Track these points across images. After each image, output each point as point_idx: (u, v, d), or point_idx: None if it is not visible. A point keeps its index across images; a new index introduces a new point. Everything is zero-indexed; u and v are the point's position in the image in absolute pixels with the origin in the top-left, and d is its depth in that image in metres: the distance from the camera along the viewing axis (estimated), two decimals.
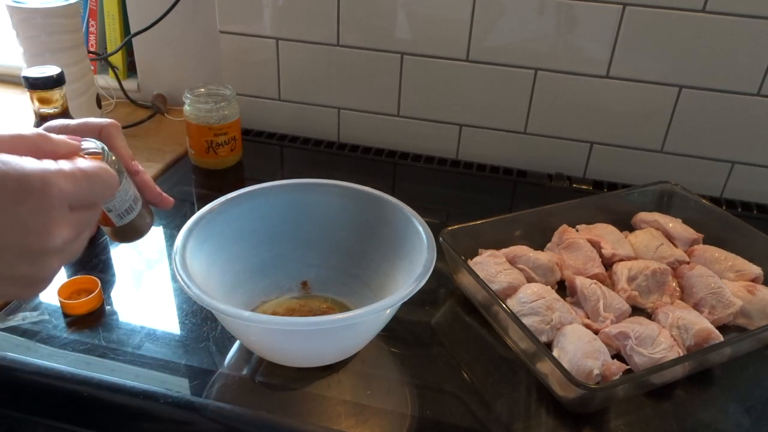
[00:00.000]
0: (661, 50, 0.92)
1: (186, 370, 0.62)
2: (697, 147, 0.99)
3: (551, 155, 1.04)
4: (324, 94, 1.08)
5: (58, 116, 0.78)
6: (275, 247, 0.69)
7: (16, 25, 0.93)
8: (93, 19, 1.18)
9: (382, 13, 0.99)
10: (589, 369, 0.59)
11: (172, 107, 1.18)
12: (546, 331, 0.65)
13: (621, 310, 0.69)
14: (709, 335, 0.64)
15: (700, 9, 0.88)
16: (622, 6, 0.90)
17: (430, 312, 0.72)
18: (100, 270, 0.76)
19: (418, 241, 0.62)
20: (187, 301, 0.71)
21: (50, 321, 0.67)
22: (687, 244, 0.81)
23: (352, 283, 0.70)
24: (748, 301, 0.70)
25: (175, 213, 0.87)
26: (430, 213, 0.68)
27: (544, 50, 0.96)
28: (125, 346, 0.64)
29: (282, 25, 1.03)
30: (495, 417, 0.59)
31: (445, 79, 1.02)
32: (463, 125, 1.06)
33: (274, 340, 0.59)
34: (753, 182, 0.99)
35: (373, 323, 0.60)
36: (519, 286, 0.70)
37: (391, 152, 1.08)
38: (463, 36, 0.98)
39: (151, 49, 1.19)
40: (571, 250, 0.77)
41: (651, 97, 0.96)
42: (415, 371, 0.64)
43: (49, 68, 0.77)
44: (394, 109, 1.07)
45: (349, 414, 0.58)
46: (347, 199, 0.69)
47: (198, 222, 0.63)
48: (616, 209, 0.86)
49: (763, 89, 0.92)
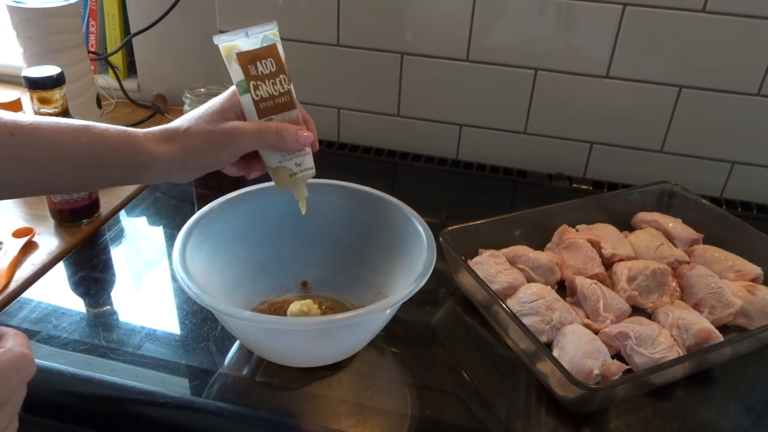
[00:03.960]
0: (661, 50, 0.92)
1: (186, 370, 0.62)
2: (697, 147, 0.99)
3: (551, 155, 1.04)
4: (324, 94, 1.08)
5: (58, 116, 0.78)
6: (275, 246, 0.69)
7: (16, 25, 0.93)
8: (93, 19, 1.18)
9: (382, 13, 0.99)
10: (589, 369, 0.59)
11: (172, 107, 1.18)
12: (546, 331, 0.65)
13: (621, 310, 0.69)
14: (709, 335, 0.64)
15: (700, 9, 0.88)
16: (622, 6, 0.90)
17: (430, 312, 0.72)
18: (100, 270, 0.76)
19: (418, 241, 0.62)
20: (187, 301, 0.71)
21: (50, 321, 0.67)
22: (687, 244, 0.81)
23: (352, 283, 0.70)
24: (748, 301, 0.70)
25: (175, 213, 0.87)
26: (430, 213, 0.68)
27: (544, 50, 0.96)
28: (125, 346, 0.64)
29: (282, 25, 1.02)
30: (495, 417, 0.59)
31: (445, 79, 1.02)
32: (463, 125, 1.06)
33: (274, 340, 0.59)
34: (753, 182, 0.99)
35: (373, 323, 0.60)
36: (519, 286, 0.70)
37: (391, 152, 1.08)
38: (463, 36, 0.98)
39: (151, 49, 1.19)
40: (571, 250, 0.77)
41: (651, 97, 0.96)
42: (415, 371, 0.64)
43: (49, 68, 0.77)
44: (394, 109, 1.07)
45: (349, 414, 0.58)
46: (347, 199, 0.69)
47: (198, 222, 0.63)
48: (616, 209, 0.86)
49: (763, 89, 0.92)
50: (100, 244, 0.80)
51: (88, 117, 1.00)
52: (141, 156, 0.52)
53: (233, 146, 0.52)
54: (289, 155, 0.55)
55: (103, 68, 1.23)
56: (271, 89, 0.53)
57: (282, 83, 0.53)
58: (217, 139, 0.52)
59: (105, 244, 0.80)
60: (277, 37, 0.54)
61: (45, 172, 0.51)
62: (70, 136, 0.50)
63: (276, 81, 0.53)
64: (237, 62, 0.52)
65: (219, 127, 0.52)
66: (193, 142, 0.52)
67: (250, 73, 0.52)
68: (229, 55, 0.52)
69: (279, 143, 0.53)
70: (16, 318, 0.67)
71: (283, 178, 0.56)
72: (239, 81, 0.52)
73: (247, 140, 0.52)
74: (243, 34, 0.53)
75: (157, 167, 0.53)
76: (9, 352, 0.35)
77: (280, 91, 0.53)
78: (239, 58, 0.52)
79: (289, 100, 0.54)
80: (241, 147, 0.53)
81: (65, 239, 0.80)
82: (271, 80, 0.53)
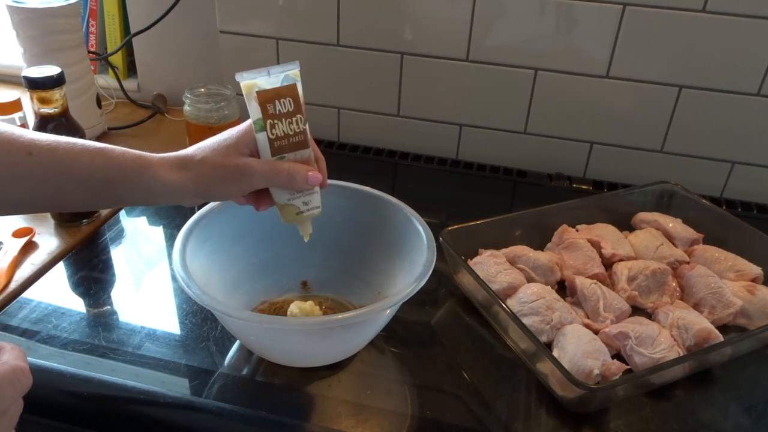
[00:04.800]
0: (661, 50, 0.92)
1: (186, 370, 0.62)
2: (697, 147, 0.99)
3: (551, 155, 1.04)
4: (324, 94, 1.08)
5: (58, 116, 0.78)
6: (275, 246, 0.69)
7: (16, 25, 0.93)
8: (93, 19, 1.18)
9: (382, 13, 0.99)
10: (589, 369, 0.59)
11: (172, 107, 1.18)
12: (546, 331, 0.65)
13: (621, 310, 0.69)
14: (709, 335, 0.64)
15: (700, 9, 0.88)
16: (622, 6, 0.90)
17: (430, 312, 0.72)
18: (100, 270, 0.76)
19: (418, 241, 0.62)
20: (187, 301, 0.71)
21: (50, 321, 0.67)
22: (687, 244, 0.81)
23: (352, 283, 0.70)
24: (748, 301, 0.70)
25: (175, 213, 0.87)
26: (430, 213, 0.68)
27: (544, 50, 0.96)
28: (125, 346, 0.64)
29: (282, 25, 1.03)
30: (495, 417, 0.59)
31: (445, 79, 1.02)
32: (463, 125, 1.06)
33: (274, 340, 0.59)
34: (753, 182, 0.99)
35: (373, 323, 0.60)
36: (519, 286, 0.70)
37: (391, 152, 1.08)
38: (463, 36, 0.98)
39: (151, 49, 1.19)
40: (571, 250, 0.77)
41: (651, 97, 0.96)
42: (415, 371, 0.64)
43: (49, 68, 0.77)
44: (394, 109, 1.07)
45: (349, 414, 0.58)
46: (347, 199, 0.69)
47: (198, 222, 0.63)
48: (616, 209, 0.86)
49: (763, 89, 0.92)
50: (100, 244, 0.80)
51: (89, 117, 1.01)
52: (154, 182, 0.53)
53: (244, 183, 0.53)
54: (298, 194, 0.56)
55: (103, 68, 1.23)
56: (287, 128, 0.54)
57: (298, 123, 0.54)
58: (229, 173, 0.53)
59: (105, 244, 0.80)
60: (297, 77, 0.55)
61: (59, 191, 0.52)
62: (86, 158, 0.51)
63: (292, 120, 0.54)
64: (256, 100, 0.53)
65: (232, 162, 0.53)
66: (205, 172, 0.53)
67: (268, 111, 0.53)
68: (249, 93, 0.53)
69: (289, 184, 0.54)
70: (16, 318, 0.67)
71: (290, 215, 0.57)
72: (257, 119, 0.53)
73: (258, 179, 0.53)
74: (265, 72, 0.54)
75: (168, 193, 0.54)
76: (4, 366, 0.35)
77: (296, 131, 0.54)
78: (259, 97, 0.53)
79: (303, 140, 0.55)
80: (251, 184, 0.54)
81: (65, 239, 0.80)
82: (288, 119, 0.54)
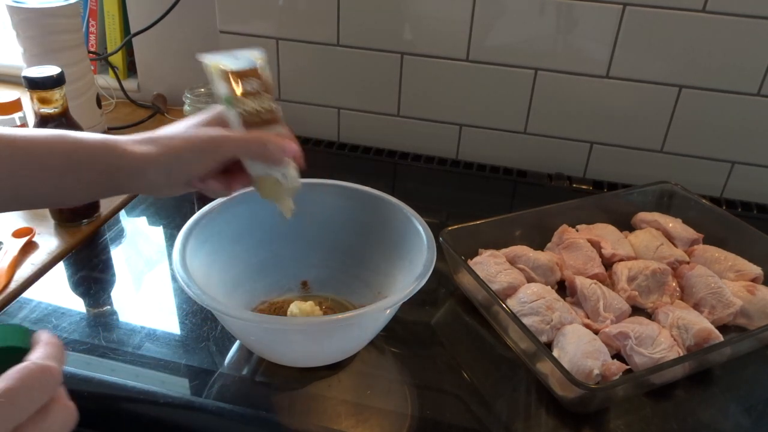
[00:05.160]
0: (661, 50, 0.92)
1: (186, 370, 0.62)
2: (697, 147, 0.99)
3: (551, 155, 1.04)
4: (324, 94, 1.08)
5: (58, 116, 0.78)
6: (275, 247, 0.69)
7: (16, 25, 0.93)
8: (93, 19, 1.18)
9: (382, 13, 0.99)
10: (589, 369, 0.59)
11: (172, 107, 1.18)
12: (546, 331, 0.65)
13: (621, 310, 0.69)
14: (709, 335, 0.64)
15: (700, 9, 0.88)
16: (622, 6, 0.90)
17: (430, 312, 0.72)
18: (100, 270, 0.76)
19: (418, 241, 0.62)
20: (187, 301, 0.71)
21: (50, 321, 0.67)
22: (687, 244, 0.81)
23: (352, 283, 0.70)
24: (748, 301, 0.70)
25: (175, 213, 0.87)
26: (430, 213, 0.68)
27: (544, 50, 0.96)
28: (125, 346, 0.64)
29: (282, 25, 1.03)
30: (495, 417, 0.59)
31: (445, 79, 1.02)
32: (463, 125, 1.06)
33: (274, 340, 0.59)
34: (753, 182, 0.99)
35: (373, 323, 0.60)
36: (519, 286, 0.70)
37: (391, 152, 1.08)
38: (463, 36, 0.98)
39: (151, 49, 1.19)
40: (571, 250, 0.77)
41: (651, 97, 0.96)
42: (415, 371, 0.64)
43: (49, 68, 0.77)
44: (394, 109, 1.07)
45: (349, 414, 0.58)
46: (347, 199, 0.69)
47: (198, 222, 0.63)
48: (616, 209, 0.86)
49: (763, 89, 0.92)
50: (100, 244, 0.80)
51: (89, 117, 1.01)
52: (120, 159, 0.51)
53: (217, 151, 0.52)
54: (275, 167, 0.55)
55: (103, 68, 1.23)
56: (257, 105, 0.53)
57: (268, 102, 0.54)
58: (200, 142, 0.52)
59: (105, 244, 0.80)
60: (262, 61, 0.54)
61: (25, 185, 0.50)
62: (44, 146, 0.50)
63: (262, 99, 0.54)
64: (223, 78, 0.53)
65: (203, 132, 0.52)
66: (174, 144, 0.52)
67: (236, 88, 0.53)
68: (216, 72, 0.53)
69: (263, 152, 0.52)
70: (16, 318, 0.67)
71: (268, 187, 0.55)
72: (225, 96, 0.53)
73: (231, 145, 0.52)
74: (230, 55, 0.54)
75: (137, 170, 0.52)
76: (31, 366, 0.32)
77: (266, 108, 0.54)
78: (225, 75, 0.53)
79: (274, 117, 0.54)
80: (224, 152, 0.52)
81: (65, 239, 0.80)
82: (256, 98, 0.53)
